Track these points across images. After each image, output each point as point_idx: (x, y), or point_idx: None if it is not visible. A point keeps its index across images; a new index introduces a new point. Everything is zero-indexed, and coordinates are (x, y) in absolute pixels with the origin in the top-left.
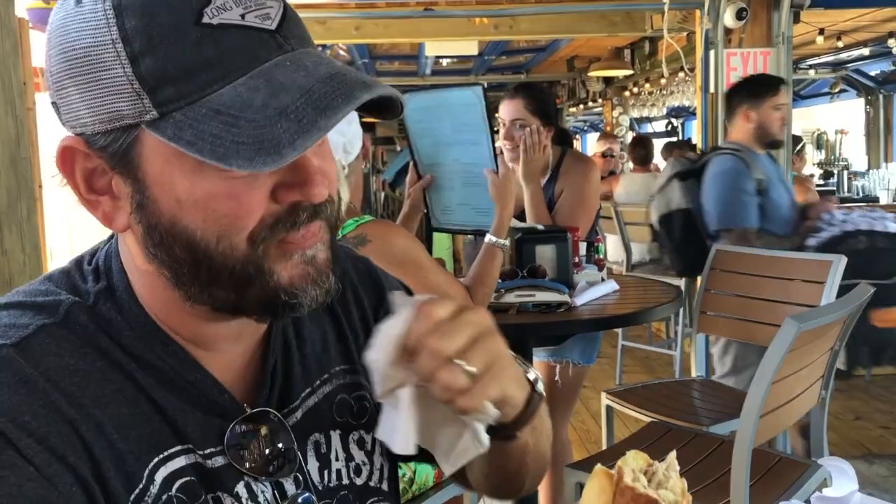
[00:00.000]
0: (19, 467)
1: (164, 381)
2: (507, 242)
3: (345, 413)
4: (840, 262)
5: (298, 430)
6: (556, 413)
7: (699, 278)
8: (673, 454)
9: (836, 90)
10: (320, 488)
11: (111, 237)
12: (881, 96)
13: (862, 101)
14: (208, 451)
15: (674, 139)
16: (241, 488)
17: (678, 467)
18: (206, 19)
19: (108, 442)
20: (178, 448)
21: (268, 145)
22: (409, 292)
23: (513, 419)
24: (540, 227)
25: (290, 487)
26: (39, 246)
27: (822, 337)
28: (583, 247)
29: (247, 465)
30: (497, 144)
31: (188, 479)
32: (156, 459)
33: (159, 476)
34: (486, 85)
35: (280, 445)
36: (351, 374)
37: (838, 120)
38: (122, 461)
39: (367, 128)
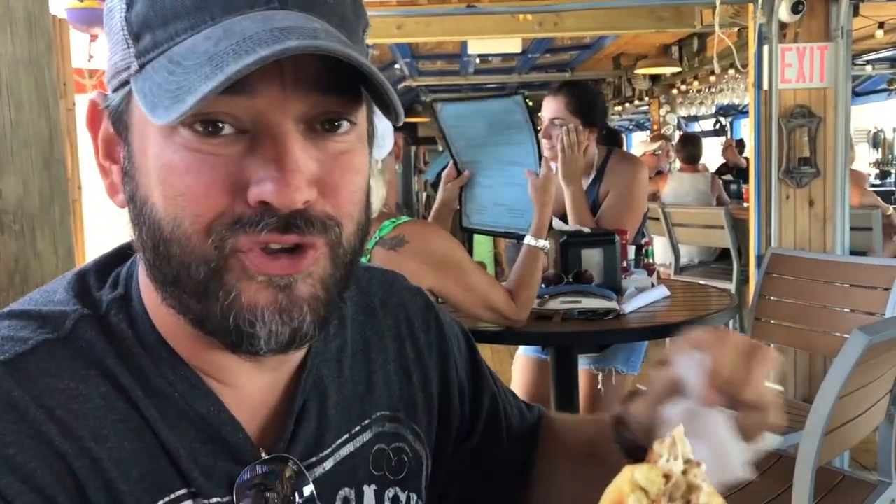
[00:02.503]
0: None
1: (172, 412)
2: (548, 244)
3: (382, 466)
4: None
5: (326, 481)
6: None
7: (752, 283)
8: (679, 430)
9: (895, 86)
10: None
11: None
12: None
13: None
14: (214, 500)
15: (723, 138)
16: None
17: (692, 454)
18: None
19: (104, 481)
20: (183, 492)
21: (181, 93)
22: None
23: None
24: (586, 229)
25: None
26: (73, 249)
27: (893, 350)
28: (631, 251)
29: None
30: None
31: None
32: (159, 503)
33: None
34: (526, 93)
35: (297, 498)
36: (392, 421)
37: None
38: (120, 503)
39: (409, 128)
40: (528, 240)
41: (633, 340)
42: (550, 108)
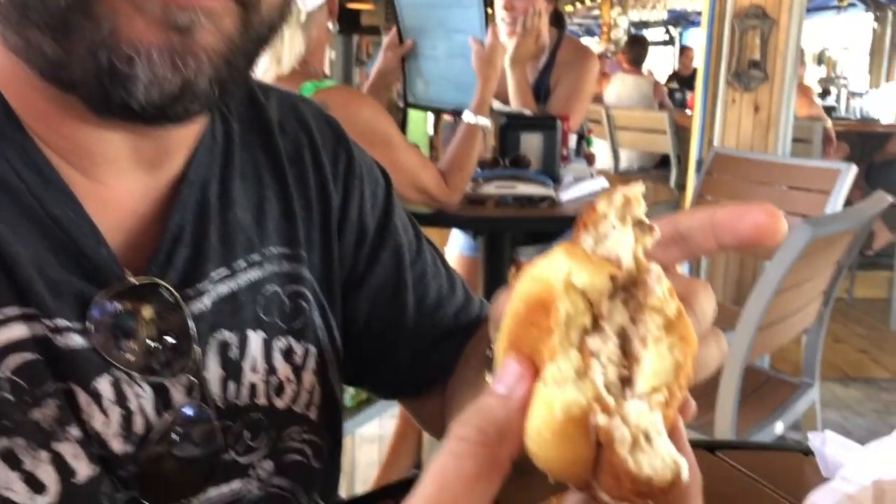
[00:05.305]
0: None
1: (14, 209)
2: (489, 123)
3: (273, 311)
4: (849, 171)
5: (202, 321)
6: None
7: (690, 188)
8: (638, 188)
9: (845, 4)
10: (221, 405)
11: None
12: (891, 13)
13: (871, 16)
14: (61, 323)
15: (673, 48)
16: (103, 384)
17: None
18: None
19: None
20: (18, 312)
21: None
22: (385, 175)
23: None
24: (528, 112)
25: (177, 395)
26: None
27: (832, 247)
28: (572, 139)
29: (120, 354)
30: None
31: (30, 356)
32: None
33: None
34: None
35: (170, 335)
36: (291, 261)
37: (842, 37)
38: None
39: (352, 17)
40: (467, 116)
41: (567, 229)
42: None
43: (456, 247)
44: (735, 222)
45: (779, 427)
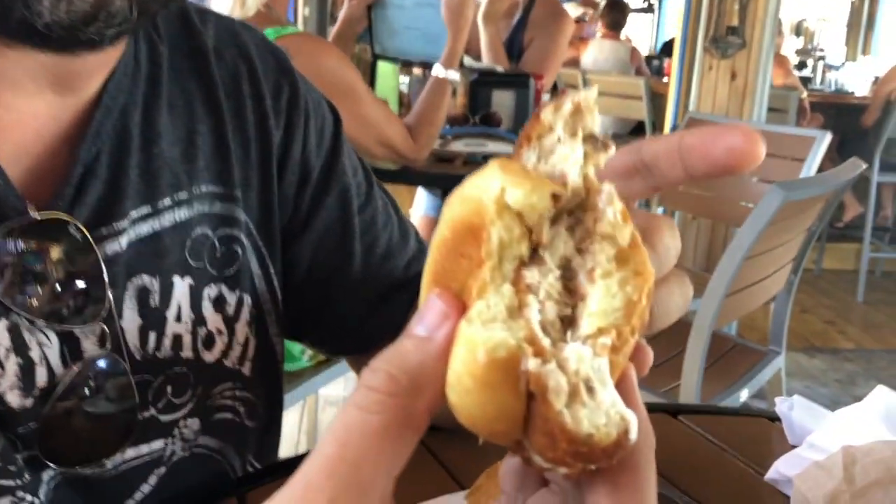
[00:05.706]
0: None
1: None
2: (458, 77)
3: (203, 256)
4: (824, 138)
5: (118, 264)
6: None
7: None
8: (590, 92)
9: None
10: (139, 357)
11: None
12: None
13: None
14: None
15: (652, 16)
16: None
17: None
18: None
19: None
20: None
21: None
22: (334, 111)
23: None
24: (499, 69)
25: (89, 346)
26: None
27: (804, 213)
28: (546, 98)
29: (22, 297)
30: None
31: None
32: None
33: None
34: None
35: (81, 279)
36: (224, 201)
37: (821, 8)
38: None
39: None
40: (437, 70)
41: None
42: None
43: (422, 207)
44: (706, 146)
45: (744, 395)
